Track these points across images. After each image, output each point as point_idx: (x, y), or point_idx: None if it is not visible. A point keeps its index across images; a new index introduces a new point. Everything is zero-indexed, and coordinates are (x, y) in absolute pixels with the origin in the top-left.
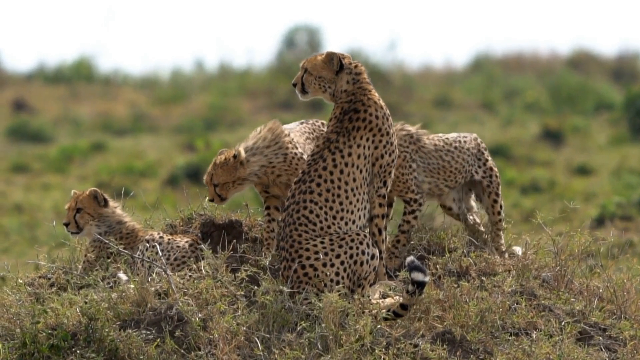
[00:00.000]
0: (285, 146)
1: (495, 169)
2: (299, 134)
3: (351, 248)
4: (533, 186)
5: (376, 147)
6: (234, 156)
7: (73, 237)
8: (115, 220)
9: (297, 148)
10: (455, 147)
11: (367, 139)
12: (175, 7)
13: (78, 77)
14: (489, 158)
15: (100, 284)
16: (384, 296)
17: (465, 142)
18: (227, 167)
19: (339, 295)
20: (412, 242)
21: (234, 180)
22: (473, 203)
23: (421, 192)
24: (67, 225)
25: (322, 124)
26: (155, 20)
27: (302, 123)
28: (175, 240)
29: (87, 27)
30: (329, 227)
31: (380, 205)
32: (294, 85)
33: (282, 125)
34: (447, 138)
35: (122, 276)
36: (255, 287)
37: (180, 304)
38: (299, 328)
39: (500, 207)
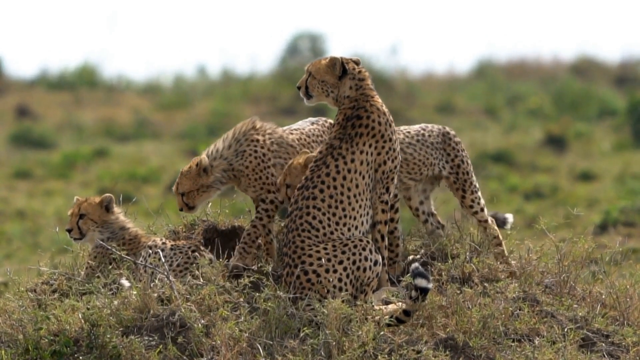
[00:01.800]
0: (246, 144)
1: (465, 165)
2: (297, 136)
3: (354, 254)
4: (536, 192)
5: (379, 154)
6: (197, 164)
7: (75, 243)
8: (118, 226)
9: (262, 148)
10: (418, 140)
11: (370, 145)
12: (178, 14)
13: (81, 83)
14: (460, 153)
15: (102, 290)
16: (386, 302)
17: (430, 135)
18: (190, 176)
19: (342, 301)
20: (414, 249)
21: (197, 188)
22: (433, 208)
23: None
24: (69, 231)
25: (331, 123)
26: (158, 27)
27: (313, 124)
28: (177, 247)
29: (90, 33)
30: (331, 233)
31: (383, 211)
32: (299, 88)
33: (258, 123)
34: (408, 131)
35: (125, 282)
36: (258, 293)
37: (183, 310)
38: (301, 334)
39: (472, 201)
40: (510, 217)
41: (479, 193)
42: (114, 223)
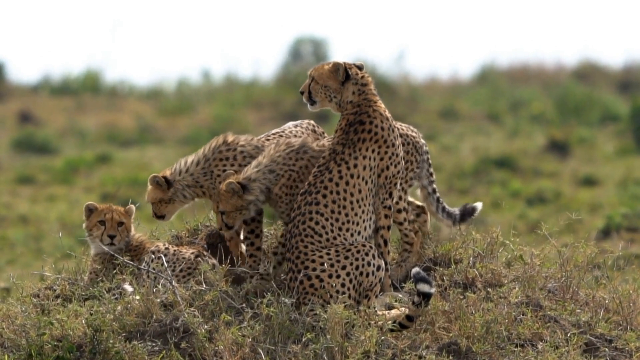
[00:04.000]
0: (214, 164)
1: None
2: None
3: (357, 259)
4: (539, 197)
5: (382, 159)
6: (164, 177)
7: (108, 248)
8: (131, 233)
9: (233, 166)
10: None
11: (373, 151)
12: (181, 19)
13: (84, 88)
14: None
15: (105, 296)
16: (389, 307)
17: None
18: (151, 188)
19: (345, 306)
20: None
21: (160, 201)
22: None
23: None
24: (114, 237)
25: (314, 125)
26: (161, 32)
27: (296, 126)
28: (180, 252)
29: (93, 38)
30: (334, 238)
31: (386, 216)
32: (302, 93)
33: (230, 137)
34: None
35: (128, 287)
36: (260, 299)
37: (186, 316)
38: (304, 339)
39: None
40: (479, 205)
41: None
42: (131, 231)
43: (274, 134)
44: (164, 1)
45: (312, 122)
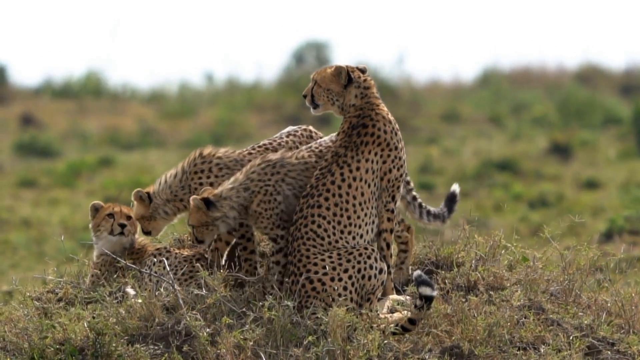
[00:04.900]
0: (191, 178)
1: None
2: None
3: (359, 262)
4: (541, 200)
5: (384, 162)
6: (147, 192)
7: (118, 237)
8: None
9: (209, 178)
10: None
11: (376, 154)
12: (183, 22)
13: (86, 91)
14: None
15: (107, 299)
16: (392, 311)
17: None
18: (138, 203)
19: (347, 309)
20: (419, 256)
21: (142, 217)
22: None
23: (288, 227)
24: (124, 226)
25: (311, 130)
26: (163, 35)
27: (289, 135)
28: (182, 255)
29: (95, 41)
30: (336, 241)
31: (389, 219)
32: (305, 96)
33: (206, 150)
34: (317, 146)
35: (130, 291)
36: (262, 302)
37: (188, 319)
38: (306, 342)
39: None
40: (455, 187)
41: None
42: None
43: (260, 146)
44: (165, 4)
45: (310, 127)
